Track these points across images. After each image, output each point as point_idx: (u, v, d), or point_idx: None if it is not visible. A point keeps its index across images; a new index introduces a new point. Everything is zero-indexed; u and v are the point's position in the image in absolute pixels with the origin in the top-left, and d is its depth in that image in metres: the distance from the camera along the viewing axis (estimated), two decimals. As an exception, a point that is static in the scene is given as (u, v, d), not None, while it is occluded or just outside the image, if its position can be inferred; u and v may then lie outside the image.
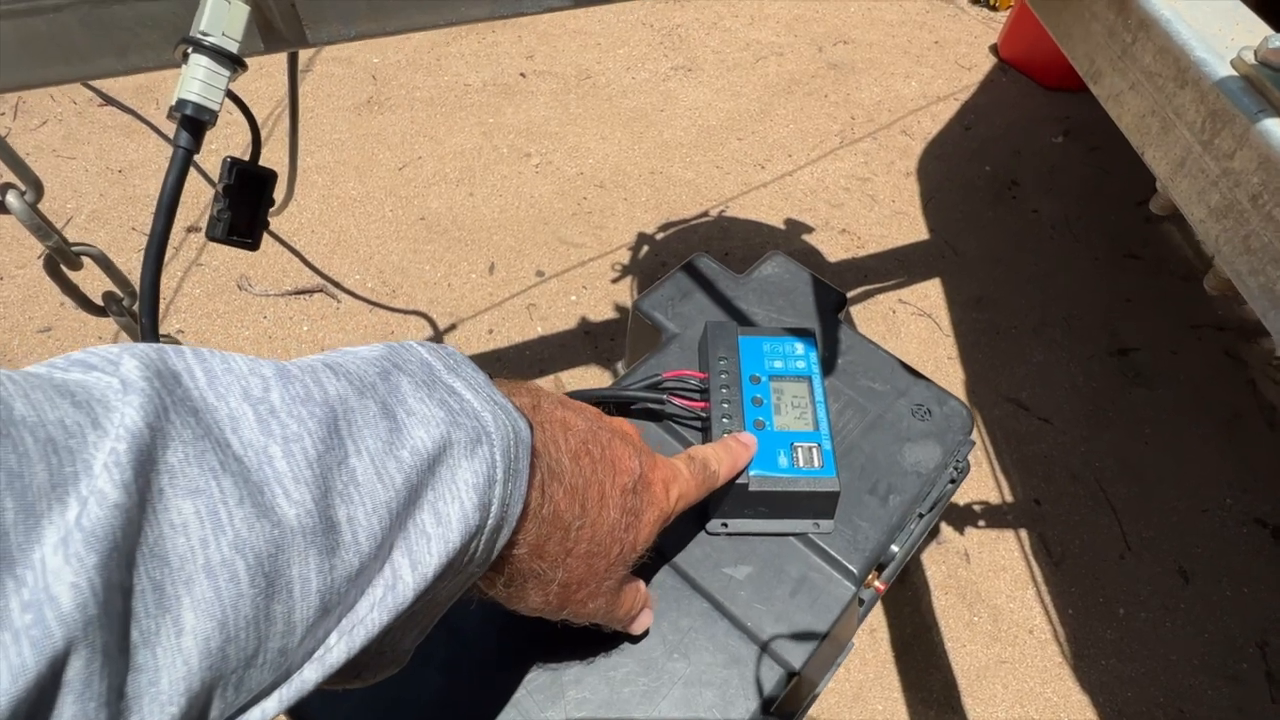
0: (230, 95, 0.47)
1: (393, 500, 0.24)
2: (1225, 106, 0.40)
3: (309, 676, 0.23)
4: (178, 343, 0.65)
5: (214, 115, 0.43)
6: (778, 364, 0.56)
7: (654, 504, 0.38)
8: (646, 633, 0.44)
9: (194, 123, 0.42)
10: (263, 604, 0.21)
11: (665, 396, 0.55)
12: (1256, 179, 0.38)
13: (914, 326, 1.62)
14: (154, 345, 0.22)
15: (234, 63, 0.44)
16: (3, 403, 0.18)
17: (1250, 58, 0.40)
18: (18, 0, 0.44)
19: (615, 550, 0.35)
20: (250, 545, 0.21)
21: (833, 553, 0.50)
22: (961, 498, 1.36)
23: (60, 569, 0.16)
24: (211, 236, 0.55)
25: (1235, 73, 0.40)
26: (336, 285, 1.45)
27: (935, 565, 1.29)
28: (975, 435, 1.43)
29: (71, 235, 1.63)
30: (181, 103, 0.42)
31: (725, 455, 0.46)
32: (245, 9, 0.43)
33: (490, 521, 0.28)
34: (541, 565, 0.32)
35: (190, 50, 0.42)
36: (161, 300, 1.55)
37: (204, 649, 0.19)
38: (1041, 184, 1.93)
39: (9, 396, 0.18)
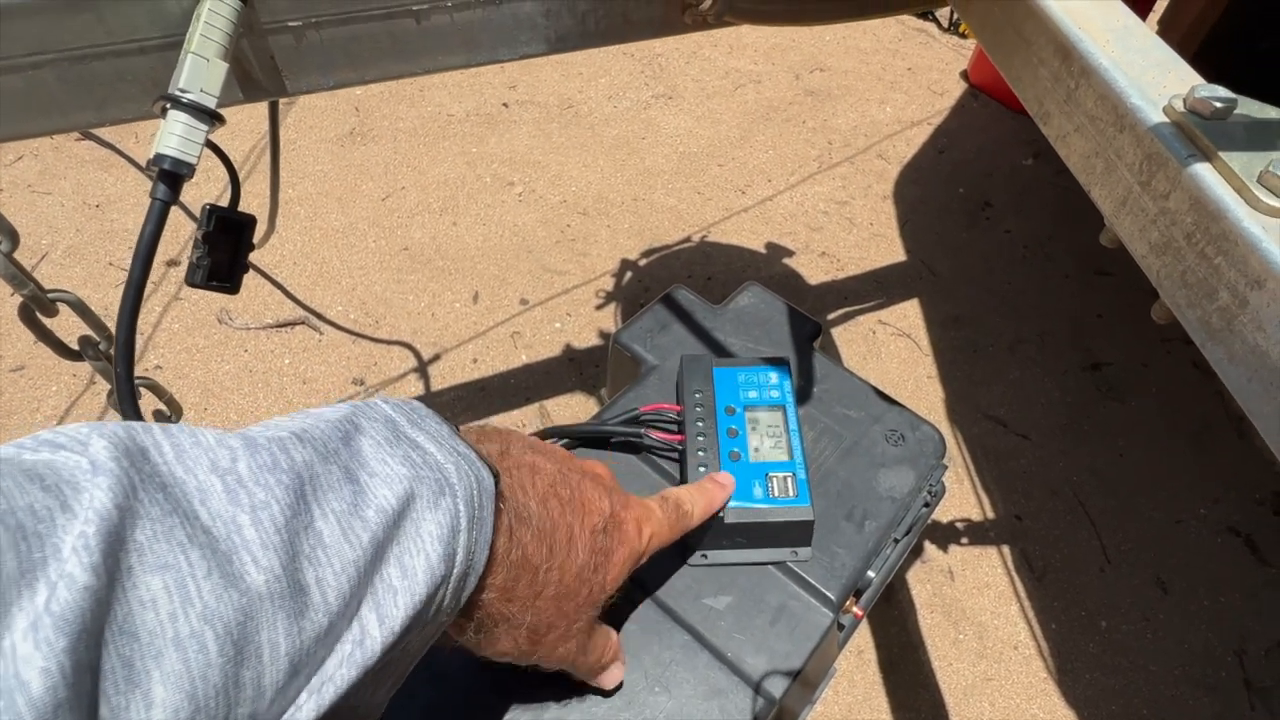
0: (209, 144, 0.49)
1: (360, 559, 0.25)
2: (1159, 150, 0.42)
3: None
4: (156, 383, 0.65)
5: (192, 169, 0.44)
6: (752, 395, 0.58)
7: (625, 543, 0.39)
8: (620, 687, 0.45)
9: (171, 176, 0.44)
10: (232, 671, 0.21)
11: (643, 431, 0.57)
12: (1189, 219, 0.41)
13: (894, 347, 1.65)
14: (123, 424, 0.23)
15: (212, 117, 0.45)
16: None
17: (1180, 106, 0.42)
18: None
19: (584, 591, 0.36)
20: (219, 615, 0.21)
21: (811, 580, 0.52)
22: (944, 515, 1.38)
23: (30, 655, 0.17)
24: (191, 283, 0.56)
25: (1167, 119, 0.43)
26: (319, 317, 1.46)
27: (920, 584, 1.30)
28: (955, 452, 1.45)
29: (47, 271, 1.64)
30: (160, 157, 0.43)
31: (700, 496, 0.47)
32: (224, 66, 0.44)
33: (456, 569, 0.29)
34: (511, 609, 0.33)
35: (169, 106, 0.43)
36: (140, 336, 1.55)
37: None
38: (1013, 205, 1.98)
39: None
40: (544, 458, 0.38)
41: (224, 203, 0.56)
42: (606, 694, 0.45)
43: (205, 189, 1.67)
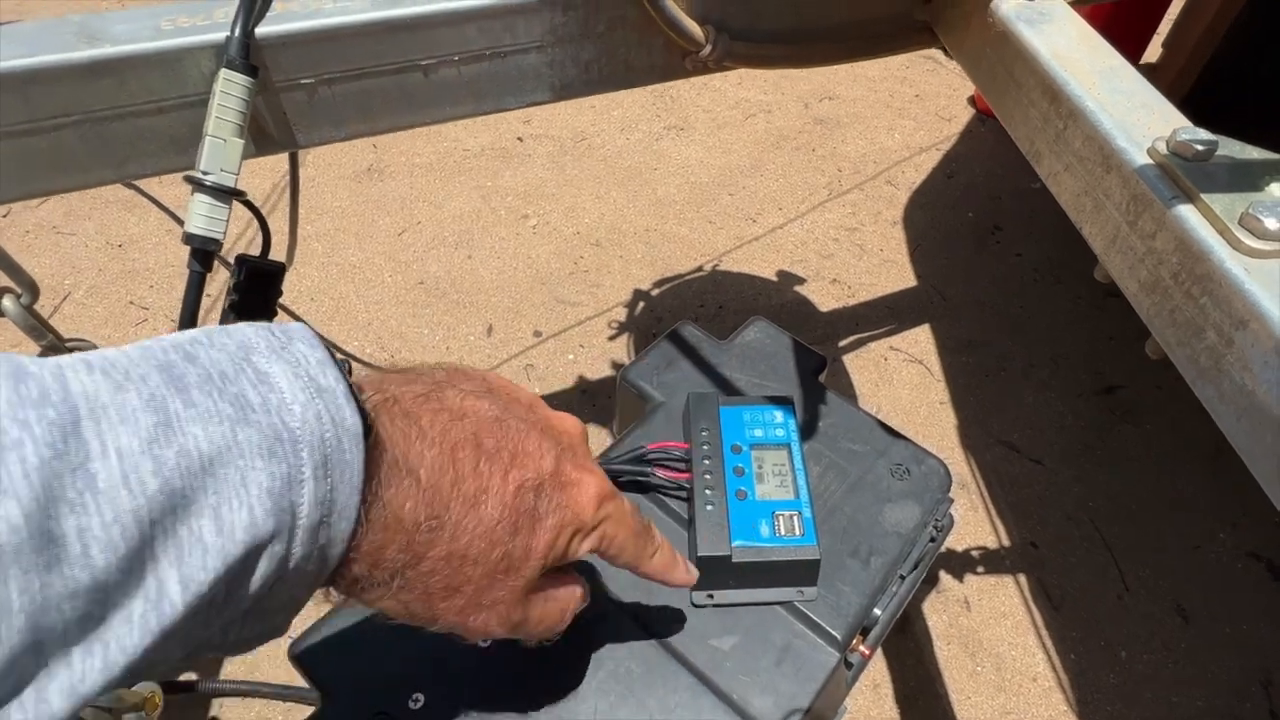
0: (244, 202, 0.52)
1: (142, 507, 0.22)
2: (1144, 191, 0.43)
3: (56, 704, 0.21)
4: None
5: (219, 243, 0.48)
6: (758, 433, 0.59)
7: (567, 507, 0.34)
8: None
9: (202, 252, 0.47)
10: None
11: (650, 469, 0.58)
12: (1175, 259, 0.41)
13: (906, 373, 1.65)
14: None
15: (232, 194, 0.48)
16: None
17: (1163, 148, 0.43)
18: (18, 121, 0.48)
19: (496, 554, 0.32)
20: None
21: (816, 619, 0.52)
22: (959, 544, 1.37)
23: None
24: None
25: (1151, 161, 0.44)
26: (338, 349, 1.48)
27: (936, 614, 1.29)
28: (969, 479, 1.44)
29: (69, 311, 1.69)
30: (190, 236, 0.47)
31: (669, 553, 0.42)
32: (240, 143, 0.47)
33: (303, 521, 0.26)
34: (378, 574, 0.30)
35: (193, 190, 0.47)
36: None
37: None
38: (1023, 228, 1.98)
39: None
40: (488, 402, 0.33)
41: (247, 231, 0.58)
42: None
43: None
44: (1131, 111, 0.46)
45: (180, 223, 0.50)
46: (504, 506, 0.32)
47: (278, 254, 0.65)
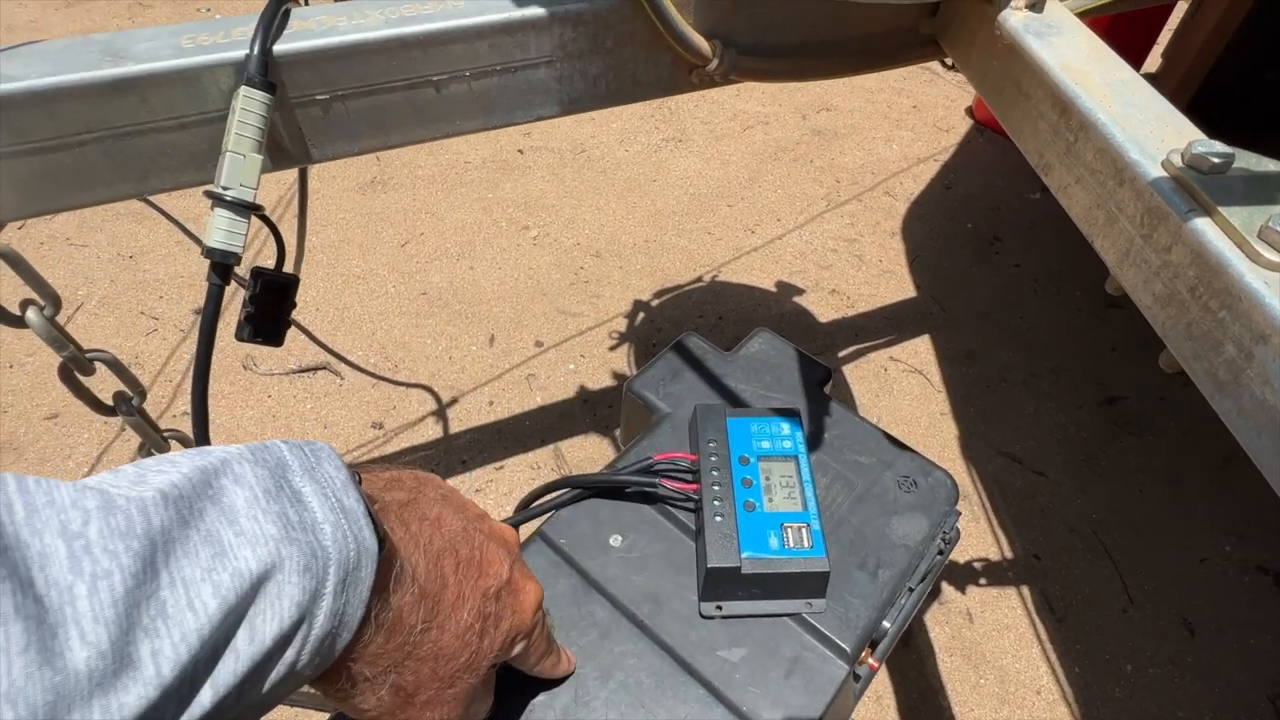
0: (261, 217, 0.52)
1: (204, 626, 0.25)
2: (1159, 205, 0.43)
3: None
4: (186, 435, 0.67)
5: (238, 257, 0.48)
6: (765, 444, 0.59)
7: (518, 613, 0.38)
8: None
9: (222, 266, 0.47)
10: None
11: (657, 480, 0.57)
12: (1192, 272, 0.41)
13: (906, 384, 1.65)
14: None
15: (251, 209, 0.49)
16: None
17: (1178, 161, 0.43)
18: (44, 138, 0.48)
19: (465, 656, 0.35)
20: (25, 696, 0.21)
21: (825, 631, 0.52)
22: (961, 555, 1.36)
23: None
24: (239, 338, 0.59)
25: (1166, 174, 0.44)
26: (343, 360, 1.48)
27: (939, 626, 1.28)
28: (971, 491, 1.44)
29: (82, 322, 1.69)
30: (210, 250, 0.47)
31: (556, 654, 0.46)
32: (259, 159, 0.47)
33: (316, 631, 0.28)
34: (372, 669, 0.33)
35: (213, 205, 0.47)
36: (167, 382, 1.58)
37: None
38: (1022, 239, 1.99)
39: None
40: (452, 511, 0.37)
41: (263, 238, 0.59)
42: None
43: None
44: (1144, 124, 0.47)
45: (191, 235, 0.50)
46: (475, 611, 0.36)
47: (285, 264, 0.65)
